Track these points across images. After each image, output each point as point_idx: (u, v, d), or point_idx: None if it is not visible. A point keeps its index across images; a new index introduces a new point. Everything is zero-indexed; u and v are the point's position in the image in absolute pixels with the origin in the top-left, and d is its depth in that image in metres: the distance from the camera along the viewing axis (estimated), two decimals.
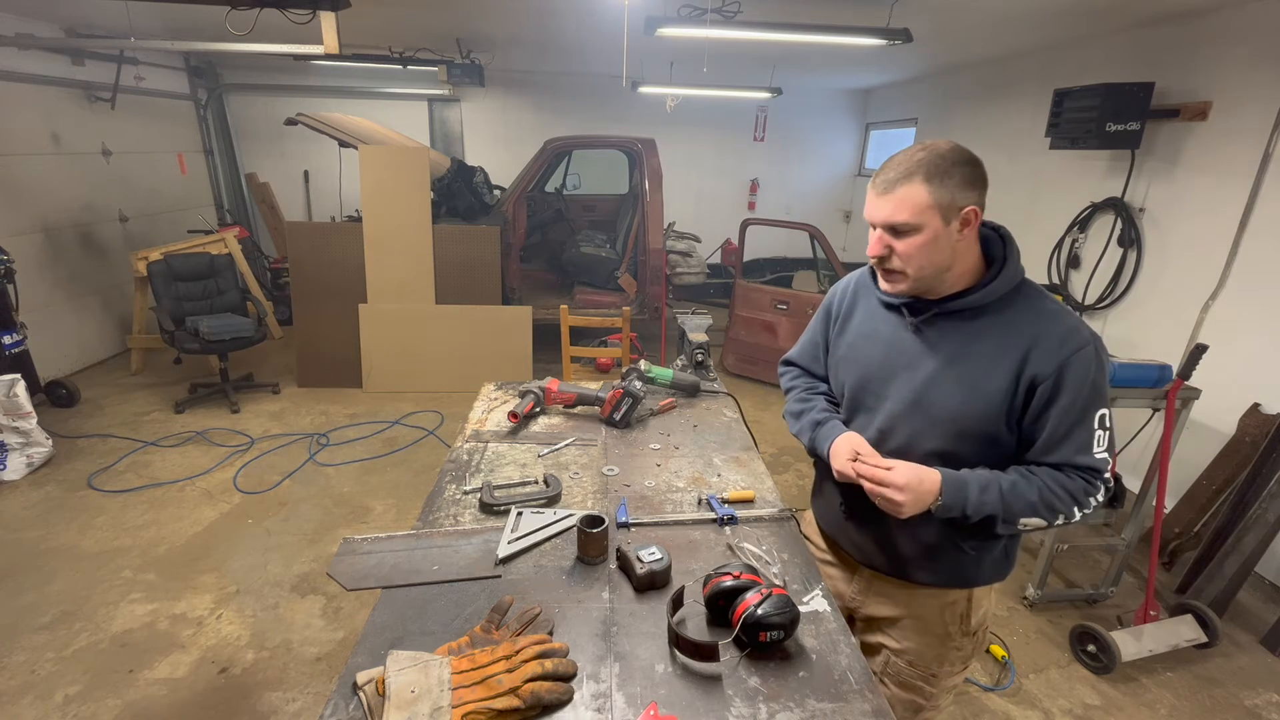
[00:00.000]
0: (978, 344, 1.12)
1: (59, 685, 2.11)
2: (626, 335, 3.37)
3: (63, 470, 3.44)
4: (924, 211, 1.05)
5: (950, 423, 1.14)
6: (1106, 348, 1.12)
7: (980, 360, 1.11)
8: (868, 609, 1.37)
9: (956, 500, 1.09)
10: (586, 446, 1.73)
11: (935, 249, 1.07)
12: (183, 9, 3.23)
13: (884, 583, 1.33)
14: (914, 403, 1.17)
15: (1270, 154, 2.90)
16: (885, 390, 1.21)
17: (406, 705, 0.86)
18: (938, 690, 1.34)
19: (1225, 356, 2.90)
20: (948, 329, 1.14)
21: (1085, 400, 1.06)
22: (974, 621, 1.30)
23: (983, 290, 1.11)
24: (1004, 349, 1.09)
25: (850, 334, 1.31)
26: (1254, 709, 2.22)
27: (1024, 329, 1.09)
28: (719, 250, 6.86)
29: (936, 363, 1.14)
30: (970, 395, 1.11)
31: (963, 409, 1.12)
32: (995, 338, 1.10)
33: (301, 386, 4.61)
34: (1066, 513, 1.08)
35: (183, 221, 5.82)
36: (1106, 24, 3.66)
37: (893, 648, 1.34)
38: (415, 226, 4.40)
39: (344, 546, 1.28)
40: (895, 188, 1.06)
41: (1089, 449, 1.08)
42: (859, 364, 1.27)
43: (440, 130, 7.00)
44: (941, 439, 1.15)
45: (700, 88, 5.78)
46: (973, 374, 1.11)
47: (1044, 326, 1.08)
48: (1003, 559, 1.26)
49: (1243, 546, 2.58)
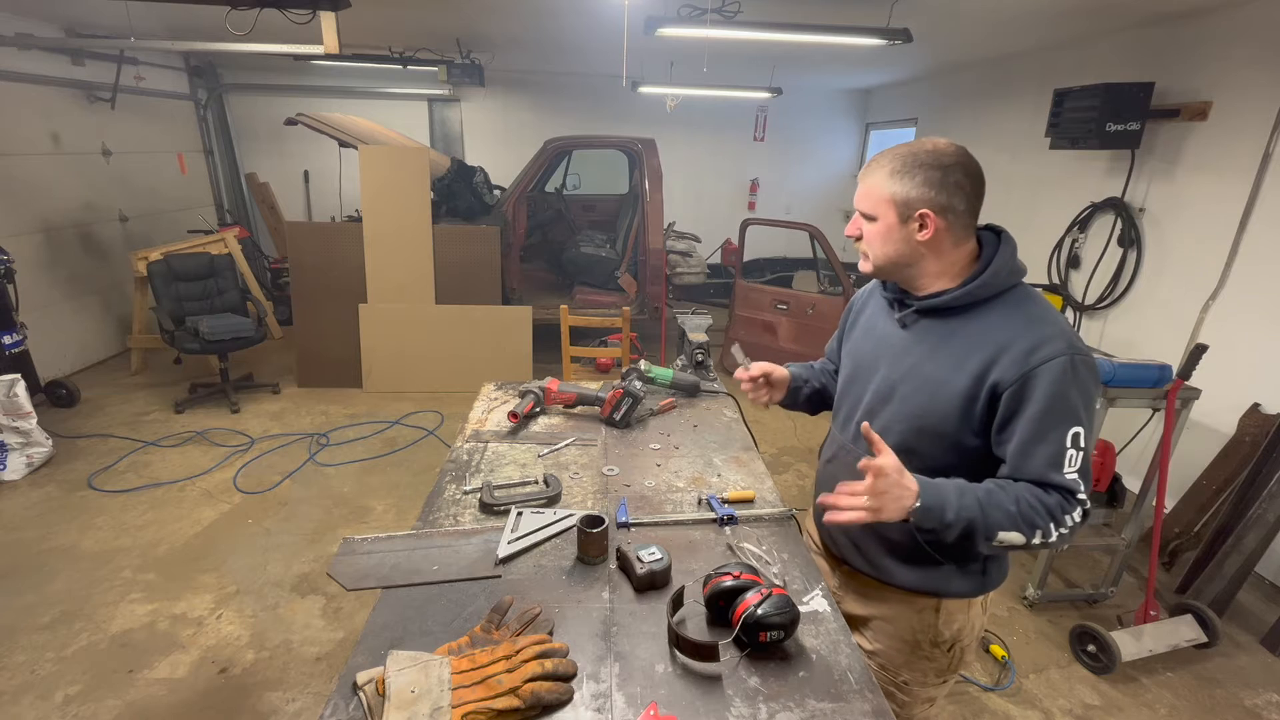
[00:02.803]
0: (950, 344, 1.11)
1: (59, 685, 2.11)
2: (626, 335, 3.37)
3: (63, 470, 3.44)
4: (880, 203, 1.09)
5: (913, 419, 1.14)
6: (1095, 363, 1.07)
7: (948, 360, 1.10)
8: (845, 606, 1.34)
9: (935, 503, 1.01)
10: (586, 446, 1.73)
11: (889, 241, 1.11)
12: (183, 9, 3.22)
13: (859, 581, 1.33)
14: (886, 395, 1.19)
15: (1270, 154, 2.90)
16: (868, 381, 1.24)
17: (406, 705, 0.86)
18: (910, 699, 1.32)
19: (1225, 356, 2.90)
20: (929, 327, 1.16)
21: (1055, 414, 1.01)
22: (947, 634, 1.25)
23: (961, 290, 1.10)
24: (971, 351, 1.08)
25: (857, 330, 1.36)
26: (1254, 709, 2.21)
27: (997, 334, 1.07)
28: (719, 250, 6.85)
29: (912, 359, 1.16)
30: (934, 394, 1.11)
31: (925, 406, 1.12)
32: (967, 339, 1.10)
33: (301, 386, 4.61)
34: (1044, 530, 1.01)
35: (183, 221, 5.82)
36: (1106, 24, 3.66)
37: (865, 649, 1.31)
38: (415, 226, 4.40)
39: (344, 546, 1.28)
40: (867, 176, 1.11)
41: (1059, 467, 1.02)
42: (854, 356, 1.32)
43: (440, 130, 7.00)
44: (903, 434, 1.15)
45: (700, 88, 5.78)
46: (939, 373, 1.11)
47: (1018, 333, 1.05)
48: (979, 574, 1.21)
49: (1243, 546, 2.58)
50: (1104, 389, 2.29)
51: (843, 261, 4.79)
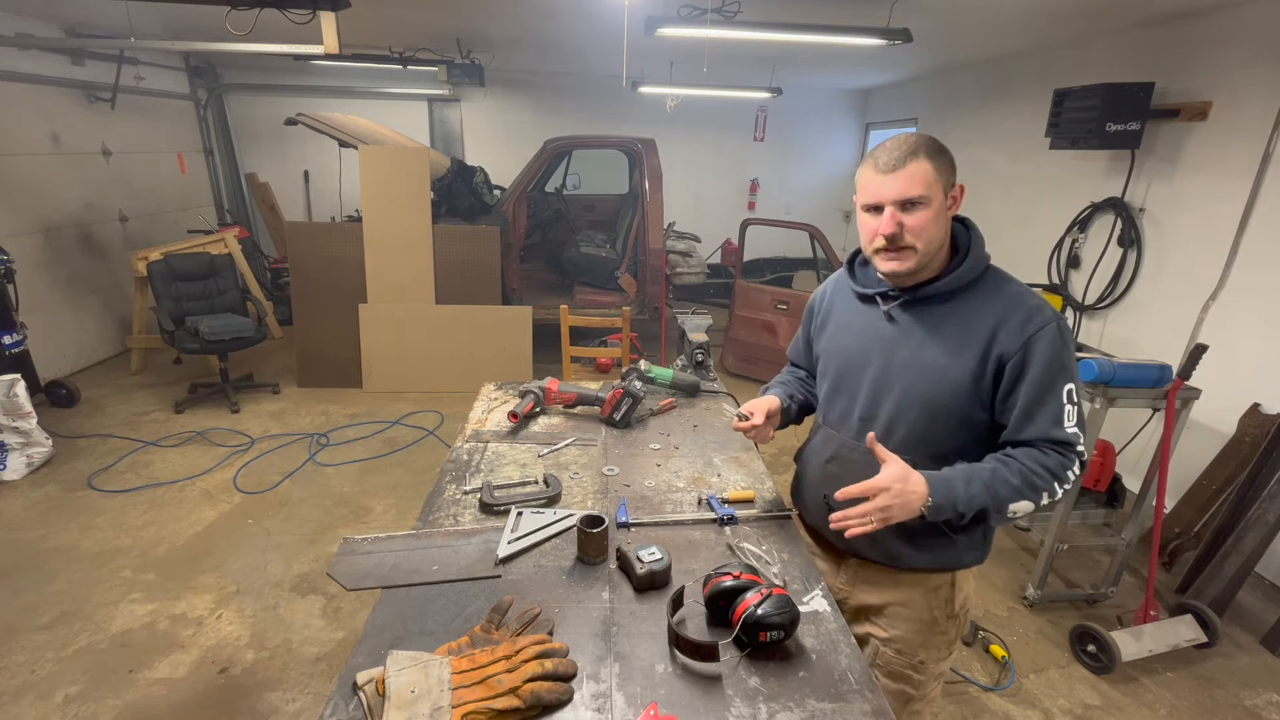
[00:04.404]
0: (947, 328, 1.16)
1: (59, 685, 2.11)
2: (626, 335, 3.37)
3: (63, 470, 3.44)
4: (932, 185, 1.11)
5: (922, 405, 1.18)
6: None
7: (949, 343, 1.16)
8: (856, 598, 1.37)
9: (946, 498, 1.09)
10: (586, 446, 1.73)
11: (938, 222, 1.13)
12: (183, 9, 3.22)
13: (871, 570, 1.34)
14: (888, 386, 1.21)
15: (1270, 154, 2.90)
16: (861, 376, 1.26)
17: (406, 705, 0.86)
18: (926, 678, 1.35)
19: (1225, 356, 2.90)
20: (919, 315, 1.20)
21: (1053, 374, 1.10)
22: (957, 605, 1.32)
23: (950, 276, 1.16)
24: (972, 331, 1.14)
25: (831, 328, 1.38)
26: (1254, 709, 2.21)
27: (989, 311, 1.14)
28: (719, 250, 6.85)
29: (908, 348, 1.19)
30: (940, 377, 1.16)
31: (933, 390, 1.16)
32: (962, 321, 1.15)
33: (301, 386, 4.61)
34: (1049, 490, 1.10)
35: (183, 221, 5.82)
36: (1106, 24, 3.66)
37: (881, 637, 1.34)
38: (415, 226, 4.40)
39: (344, 546, 1.28)
40: (905, 164, 1.10)
41: (1060, 423, 1.11)
42: (839, 354, 1.33)
43: (440, 130, 7.00)
44: (913, 423, 1.19)
45: (700, 88, 5.77)
46: (942, 357, 1.16)
47: (1009, 307, 1.13)
48: (981, 541, 1.27)
49: (1243, 546, 2.58)
50: (1104, 389, 2.29)
51: (842, 261, 4.78)
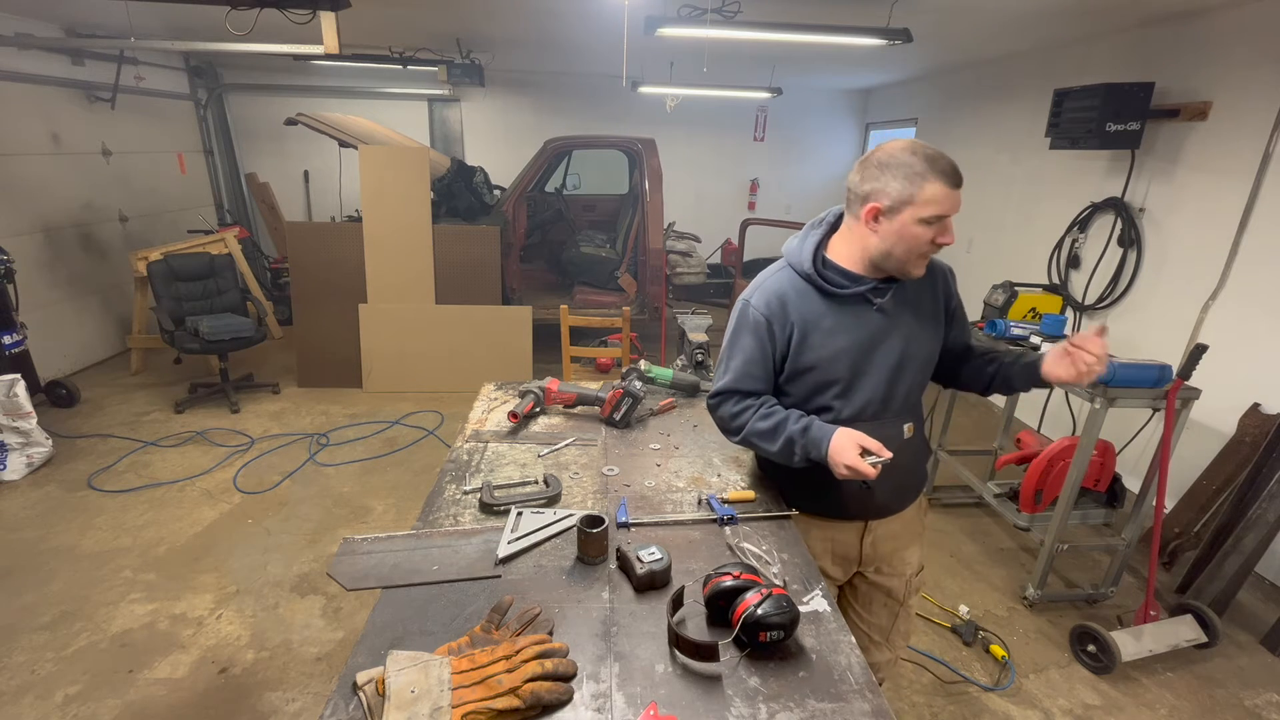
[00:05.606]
0: (921, 301, 1.41)
1: (59, 685, 2.11)
2: (626, 335, 3.37)
3: (63, 470, 3.44)
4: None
5: (922, 366, 1.43)
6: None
7: (926, 313, 1.41)
8: (880, 551, 1.51)
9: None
10: (586, 446, 1.73)
11: None
12: (183, 9, 3.22)
13: (889, 522, 1.50)
14: (900, 367, 1.37)
15: (1270, 154, 2.90)
16: (873, 366, 1.36)
17: (406, 705, 0.86)
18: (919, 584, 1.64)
19: (1225, 356, 2.90)
20: (899, 300, 1.37)
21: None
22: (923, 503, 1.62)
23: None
24: (933, 293, 1.43)
25: (815, 338, 1.33)
26: (1254, 709, 2.21)
27: (929, 273, 1.37)
28: (719, 250, 6.85)
29: (905, 328, 1.37)
30: (934, 336, 1.43)
31: (930, 352, 1.44)
32: (923, 288, 1.40)
33: (301, 386, 4.61)
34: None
35: (183, 221, 5.82)
36: (1106, 24, 3.66)
37: (909, 572, 1.57)
38: (415, 226, 4.40)
39: (344, 546, 1.28)
40: (958, 184, 1.24)
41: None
42: (844, 356, 1.35)
43: (440, 130, 7.00)
44: (916, 383, 1.42)
45: (700, 88, 5.77)
46: (930, 321, 1.42)
47: (933, 264, 1.41)
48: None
49: (1243, 546, 2.58)
50: (1104, 389, 2.29)
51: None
